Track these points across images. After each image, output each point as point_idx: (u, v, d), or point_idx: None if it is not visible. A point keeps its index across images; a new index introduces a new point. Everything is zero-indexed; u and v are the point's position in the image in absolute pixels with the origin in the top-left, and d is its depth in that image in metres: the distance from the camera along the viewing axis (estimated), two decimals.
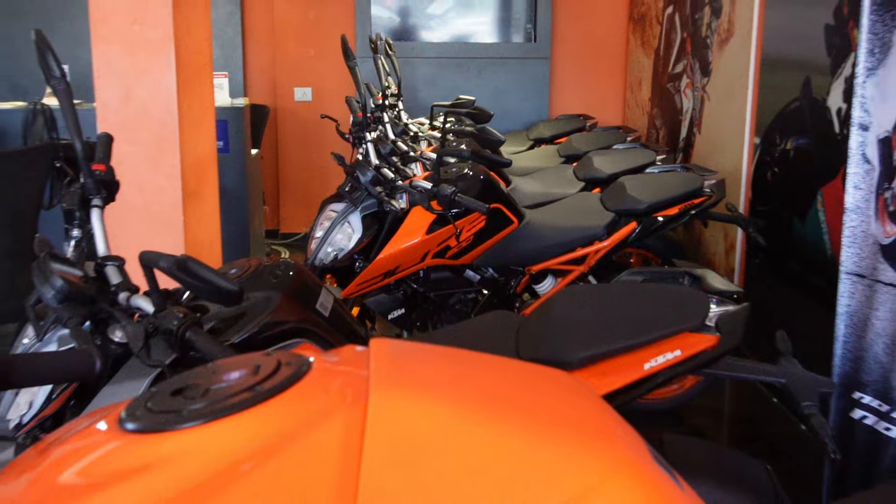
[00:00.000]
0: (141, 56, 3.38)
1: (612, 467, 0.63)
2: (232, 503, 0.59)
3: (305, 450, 0.62)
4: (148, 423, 0.69)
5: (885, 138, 2.34)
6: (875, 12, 2.34)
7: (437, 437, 0.63)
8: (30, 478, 0.71)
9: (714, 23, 4.70)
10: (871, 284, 2.42)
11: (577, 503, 0.60)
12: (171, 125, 3.47)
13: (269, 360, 0.73)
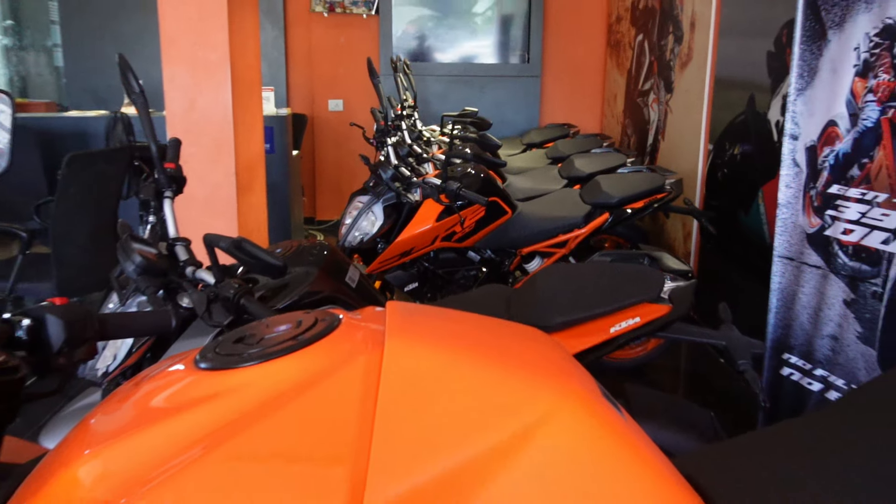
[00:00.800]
0: (202, 74, 3.41)
1: (566, 397, 0.68)
2: (280, 423, 0.64)
3: (336, 383, 0.67)
4: (217, 362, 0.73)
5: (811, 146, 2.36)
6: (804, 43, 2.35)
7: (434, 373, 0.68)
8: (127, 404, 0.75)
9: (676, 49, 4.67)
10: (798, 266, 2.44)
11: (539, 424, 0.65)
12: (227, 131, 3.51)
13: (309, 317, 0.77)
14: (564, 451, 0.65)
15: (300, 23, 6.28)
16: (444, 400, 0.65)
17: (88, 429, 0.71)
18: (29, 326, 0.91)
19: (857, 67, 2.18)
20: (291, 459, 0.61)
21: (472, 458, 0.62)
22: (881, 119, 2.11)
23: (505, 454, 0.63)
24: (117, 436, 0.65)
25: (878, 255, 2.14)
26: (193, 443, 0.63)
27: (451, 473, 0.61)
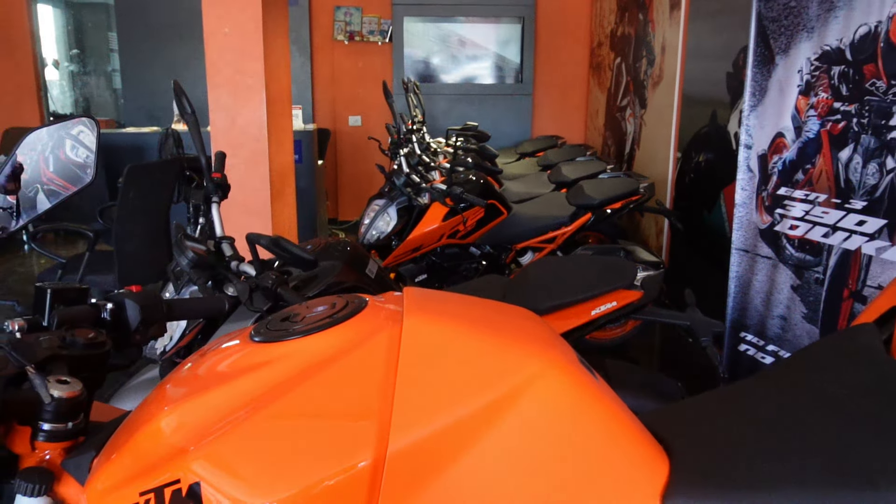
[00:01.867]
0: (241, 95, 3.46)
1: (550, 363, 0.73)
2: (319, 384, 0.69)
3: (364, 352, 0.72)
4: (268, 336, 0.78)
5: (763, 155, 2.40)
6: (755, 66, 2.39)
7: (444, 344, 0.73)
8: (196, 371, 0.80)
9: (649, 70, 4.69)
10: (752, 257, 2.48)
11: (528, 384, 0.71)
12: (263, 144, 3.56)
13: (340, 300, 0.82)
14: (549, 407, 0.71)
15: (324, 49, 6.32)
16: (452, 365, 0.70)
17: (166, 391, 0.77)
18: (111, 309, 0.97)
19: (801, 87, 2.22)
20: (328, 414, 0.66)
21: (475, 412, 0.67)
22: (821, 131, 2.15)
23: (501, 408, 0.68)
24: (190, 396, 0.71)
25: (819, 247, 2.18)
26: (250, 401, 0.68)
27: (458, 424, 0.67)
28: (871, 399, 0.80)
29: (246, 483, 0.63)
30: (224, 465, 0.64)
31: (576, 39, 6.40)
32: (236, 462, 0.64)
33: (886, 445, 0.74)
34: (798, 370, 0.90)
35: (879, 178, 1.96)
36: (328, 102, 6.47)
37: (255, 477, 0.63)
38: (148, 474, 0.66)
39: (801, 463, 0.75)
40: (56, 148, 1.43)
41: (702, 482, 0.76)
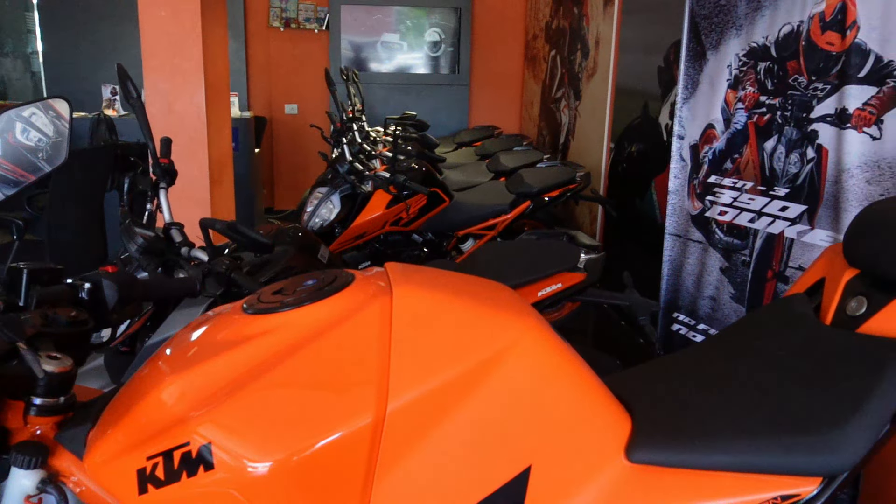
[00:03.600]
0: (179, 80, 3.40)
1: (529, 328, 0.80)
2: (320, 349, 0.73)
3: (359, 321, 0.76)
4: (262, 308, 0.80)
5: (694, 145, 2.53)
6: (688, 61, 2.52)
7: (432, 311, 0.78)
8: (191, 341, 0.83)
9: (583, 63, 4.81)
10: (684, 241, 2.63)
11: (511, 347, 0.77)
12: (201, 131, 3.50)
13: (329, 274, 0.86)
14: (529, 369, 0.77)
15: (259, 36, 6.21)
16: (442, 331, 0.75)
17: (163, 362, 0.79)
18: (89, 289, 0.98)
19: (730, 81, 2.36)
20: (330, 378, 0.70)
21: (464, 373, 0.73)
22: (748, 123, 2.30)
23: (487, 370, 0.74)
24: (191, 365, 0.73)
25: (746, 231, 2.33)
26: (253, 368, 0.71)
27: (448, 385, 0.72)
28: (804, 359, 0.90)
29: (256, 443, 0.67)
30: (233, 427, 0.67)
31: (511, 31, 6.51)
32: (245, 424, 0.68)
33: (817, 398, 0.84)
34: (740, 335, 0.99)
35: (800, 167, 2.12)
36: (264, 90, 6.38)
37: (264, 437, 0.67)
38: (154, 440, 0.69)
39: (746, 415, 0.84)
40: (4, 132, 1.40)
41: (660, 436, 0.84)
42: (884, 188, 1.89)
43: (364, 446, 0.68)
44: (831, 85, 1.99)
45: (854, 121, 1.93)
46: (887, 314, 0.88)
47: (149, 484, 0.68)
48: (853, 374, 0.83)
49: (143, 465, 0.69)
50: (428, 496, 0.71)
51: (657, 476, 0.81)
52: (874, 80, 1.88)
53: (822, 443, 0.80)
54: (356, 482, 0.69)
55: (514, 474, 0.74)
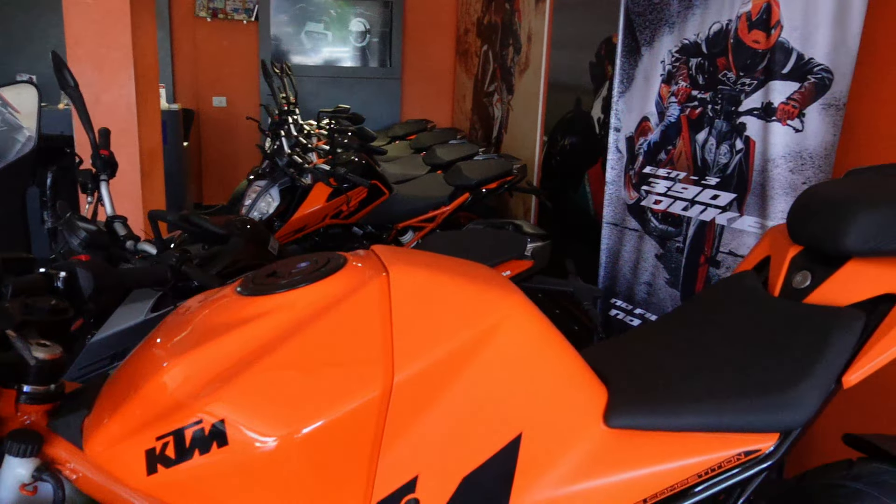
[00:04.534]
0: (108, 70, 3.28)
1: (518, 304, 0.84)
2: (325, 327, 0.75)
3: (359, 299, 0.79)
4: (260, 290, 0.81)
5: (630, 137, 2.65)
6: (623, 56, 2.63)
7: (428, 287, 0.81)
8: (186, 325, 0.83)
9: (516, 57, 4.90)
10: (621, 230, 2.74)
11: (503, 321, 0.81)
12: (132, 123, 3.40)
13: (321, 256, 0.88)
14: (518, 341, 0.82)
15: (185, 26, 6.04)
16: (438, 307, 0.79)
17: (159, 345, 0.79)
18: (65, 278, 0.96)
19: (663, 76, 2.48)
20: (337, 353, 0.73)
21: (461, 346, 0.77)
22: (681, 116, 2.42)
23: (482, 342, 0.78)
24: (194, 346, 0.74)
25: (680, 219, 2.45)
26: (259, 346, 0.73)
27: (447, 357, 0.76)
28: (758, 328, 0.98)
29: (269, 418, 0.69)
30: (245, 404, 0.69)
31: (442, 26, 6.56)
32: (257, 400, 0.69)
33: (772, 363, 0.92)
34: (698, 309, 1.07)
35: (730, 158, 2.25)
36: (190, 82, 6.20)
37: (277, 412, 0.69)
38: (163, 420, 0.69)
39: (710, 380, 0.92)
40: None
41: (634, 403, 0.90)
42: (805, 177, 2.04)
43: (372, 418, 0.71)
44: (758, 80, 2.13)
45: (779, 114, 2.07)
46: (830, 285, 0.98)
47: (158, 464, 0.69)
48: (803, 341, 0.92)
49: (152, 445, 0.69)
50: (431, 464, 0.75)
51: (633, 439, 0.88)
52: (796, 76, 2.02)
53: (779, 403, 0.88)
54: (364, 451, 0.72)
55: (507, 441, 0.79)
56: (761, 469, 0.89)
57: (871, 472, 1.12)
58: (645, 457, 0.87)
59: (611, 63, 3.51)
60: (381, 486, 0.73)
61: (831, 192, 1.04)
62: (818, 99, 1.97)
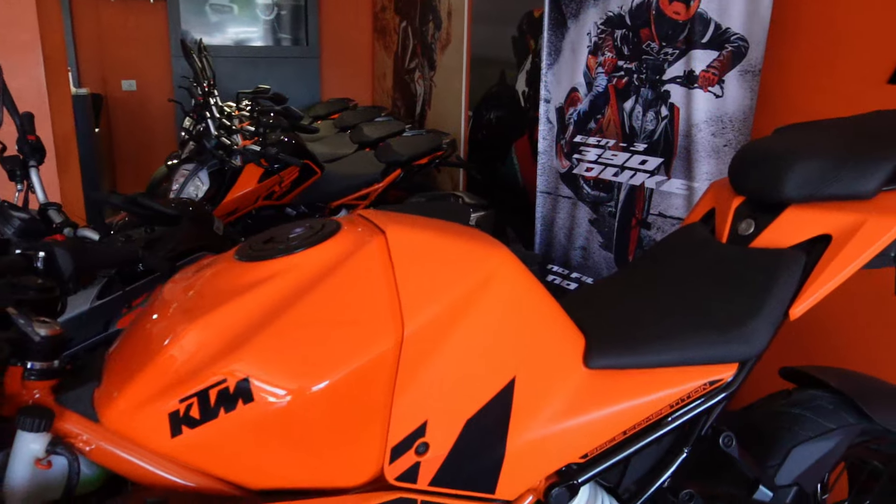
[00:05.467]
0: (15, 53, 3.12)
1: (507, 258, 0.90)
2: (330, 288, 0.78)
3: (361, 259, 0.82)
4: (261, 255, 0.83)
5: (560, 107, 2.75)
6: (550, 29, 2.71)
7: (425, 244, 0.85)
8: (187, 292, 0.84)
9: (436, 33, 4.92)
10: (555, 198, 2.85)
11: (496, 271, 0.86)
12: (44, 109, 3.24)
13: (316, 222, 0.90)
14: (509, 291, 0.87)
15: (87, 5, 5.73)
16: (437, 263, 0.83)
17: (166, 313, 0.80)
18: (44, 258, 0.95)
19: (590, 48, 2.58)
20: (350, 309, 0.76)
21: (460, 297, 0.82)
22: (608, 86, 2.53)
23: (478, 294, 0.84)
24: (206, 312, 0.76)
25: (611, 184, 2.58)
26: (271, 307, 0.75)
27: (449, 308, 0.81)
28: (712, 272, 1.08)
29: (291, 373, 0.72)
30: (268, 361, 0.72)
31: (358, 3, 6.49)
32: (278, 357, 0.72)
33: (728, 301, 1.02)
34: (656, 259, 1.16)
35: (656, 124, 2.38)
36: (96, 65, 5.90)
37: (298, 367, 0.72)
38: (185, 383, 0.71)
39: (674, 320, 1.01)
40: None
41: (609, 345, 0.98)
42: (726, 139, 2.19)
43: (386, 368, 0.76)
44: (679, 50, 2.26)
45: (700, 81, 2.21)
46: (772, 230, 1.08)
47: (183, 425, 0.71)
48: (753, 280, 1.02)
49: (176, 408, 0.71)
50: (438, 409, 0.80)
51: (611, 378, 0.96)
52: (715, 45, 2.15)
53: (736, 336, 0.98)
54: (380, 400, 0.76)
55: (502, 385, 0.85)
56: (724, 397, 0.99)
57: (808, 398, 1.25)
58: (622, 393, 0.95)
59: (533, 37, 3.60)
60: (395, 432, 0.78)
61: (768, 147, 1.15)
62: (736, 66, 2.11)
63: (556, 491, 0.93)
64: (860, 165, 1.05)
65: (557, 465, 0.94)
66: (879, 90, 1.79)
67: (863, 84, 1.84)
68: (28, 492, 0.75)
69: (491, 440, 0.85)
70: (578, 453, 0.94)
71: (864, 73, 1.84)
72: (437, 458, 0.81)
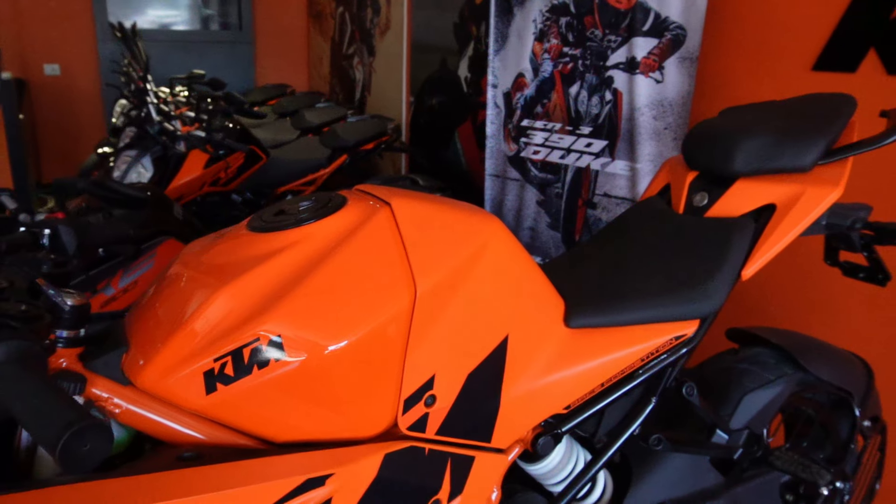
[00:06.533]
0: None
1: (500, 226, 0.98)
2: (351, 251, 0.84)
3: (372, 226, 0.87)
4: (272, 226, 0.89)
5: (507, 92, 2.84)
6: (497, 16, 2.80)
7: (427, 213, 0.92)
8: (203, 260, 0.88)
9: (375, 19, 4.94)
10: (503, 180, 2.95)
11: (489, 239, 0.94)
12: None
13: (321, 196, 0.95)
14: (503, 255, 0.96)
15: None
16: (439, 230, 0.91)
17: (188, 281, 0.84)
18: (49, 234, 0.98)
19: (536, 34, 2.68)
20: (368, 272, 0.83)
21: (462, 261, 0.90)
22: (554, 71, 2.64)
23: (476, 258, 0.91)
24: (232, 277, 0.81)
25: (558, 167, 2.70)
26: (296, 271, 0.81)
27: (454, 270, 0.88)
28: (673, 239, 1.19)
29: (319, 331, 0.78)
30: (297, 321, 0.78)
31: None
32: (307, 317, 0.78)
33: (689, 264, 1.14)
34: (619, 230, 1.28)
35: (600, 109, 2.51)
36: (14, 49, 5.65)
37: (325, 326, 0.78)
38: (219, 343, 0.77)
39: (642, 282, 1.12)
40: None
41: (586, 306, 1.08)
42: (666, 122, 2.34)
43: (401, 327, 0.83)
44: (622, 37, 2.38)
45: (641, 67, 2.34)
46: (724, 201, 1.21)
47: (217, 383, 0.77)
48: (709, 245, 1.14)
49: (211, 366, 0.77)
50: (444, 363, 0.88)
51: (589, 336, 1.06)
52: (655, 33, 2.29)
53: (697, 295, 1.09)
54: (395, 356, 0.84)
55: (497, 342, 0.94)
56: (687, 350, 1.11)
57: (753, 354, 1.40)
58: (599, 349, 1.05)
59: (475, 23, 3.69)
60: (408, 385, 0.85)
61: (717, 126, 1.27)
62: (675, 53, 2.25)
63: (542, 440, 1.03)
64: (799, 142, 1.19)
65: (543, 416, 1.03)
66: (805, 76, 1.96)
67: (791, 70, 2.01)
68: None
69: (488, 393, 0.94)
70: (562, 404, 1.04)
71: (791, 61, 2.00)
72: (443, 410, 0.89)
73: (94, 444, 0.55)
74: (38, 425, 0.55)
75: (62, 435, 0.53)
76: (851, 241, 1.32)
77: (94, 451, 0.55)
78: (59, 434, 0.53)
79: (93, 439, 0.55)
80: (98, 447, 0.55)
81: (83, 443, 0.54)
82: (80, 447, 0.54)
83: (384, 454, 0.83)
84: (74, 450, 0.54)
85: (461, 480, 0.93)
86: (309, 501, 0.77)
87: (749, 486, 1.31)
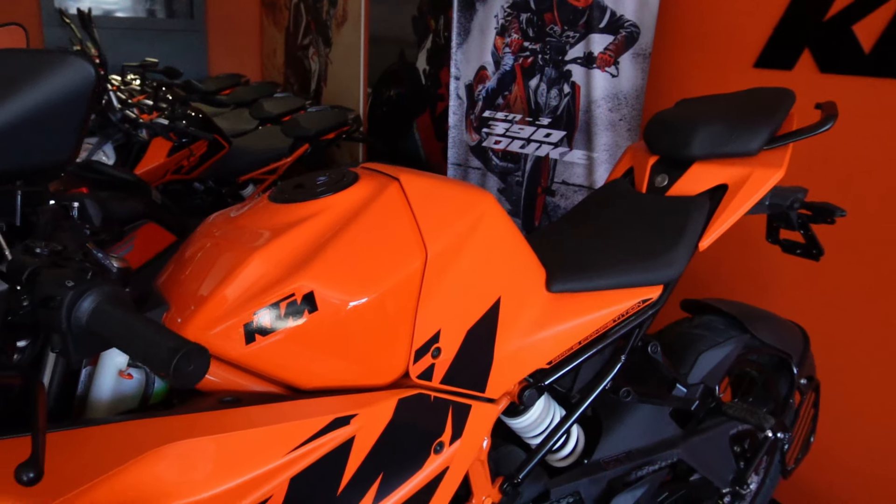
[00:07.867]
0: None
1: (491, 198, 1.10)
2: (368, 218, 0.94)
3: (385, 198, 0.97)
4: (294, 198, 0.98)
5: (469, 84, 2.96)
6: (460, 11, 2.92)
7: (430, 187, 1.02)
8: (232, 228, 0.97)
9: (332, 10, 4.98)
10: (465, 169, 3.07)
11: (486, 211, 1.06)
12: None
13: (336, 172, 1.05)
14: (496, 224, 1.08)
15: None
16: (443, 202, 1.02)
17: (220, 246, 0.93)
18: (78, 207, 1.05)
19: (497, 29, 2.81)
20: (386, 236, 0.93)
21: (464, 229, 1.01)
22: (515, 65, 2.78)
23: (475, 226, 1.03)
24: (266, 242, 0.90)
25: (518, 156, 2.84)
26: (321, 235, 0.91)
27: (458, 236, 1.00)
28: (638, 215, 1.34)
29: (347, 287, 0.88)
30: (328, 277, 0.88)
31: None
32: (336, 274, 0.88)
33: (654, 236, 1.29)
34: (589, 208, 1.42)
35: (559, 101, 2.65)
36: None
37: (352, 282, 0.89)
38: (258, 298, 0.86)
39: (613, 252, 1.26)
40: None
41: (565, 273, 1.21)
42: (621, 114, 2.50)
43: (414, 285, 0.95)
44: (580, 33, 2.53)
45: (598, 62, 2.50)
46: (682, 182, 1.36)
47: (256, 334, 0.86)
48: (671, 220, 1.29)
49: (251, 319, 0.86)
50: (448, 320, 1.00)
51: (568, 299, 1.19)
52: (611, 30, 2.45)
53: (661, 263, 1.24)
54: (408, 311, 0.95)
55: (492, 302, 1.06)
56: (653, 313, 1.25)
57: (706, 321, 1.56)
58: (577, 311, 1.19)
59: (433, 17, 3.80)
60: (418, 338, 0.97)
61: (676, 114, 1.43)
62: (629, 49, 2.41)
63: (528, 392, 1.16)
64: (747, 130, 1.35)
65: (529, 370, 1.16)
66: (748, 73, 2.15)
67: (734, 67, 2.19)
68: (111, 400, 0.88)
69: (483, 348, 1.06)
70: (545, 360, 1.17)
71: (735, 58, 2.18)
72: (446, 361, 1.01)
73: (197, 363, 0.65)
74: (150, 354, 0.64)
75: (172, 359, 0.63)
76: (790, 220, 1.50)
77: (197, 369, 0.65)
78: (170, 358, 0.63)
79: (195, 360, 0.65)
80: (200, 365, 0.65)
81: (188, 364, 0.64)
82: (187, 367, 0.64)
83: (398, 399, 0.94)
84: (183, 369, 0.63)
85: (460, 426, 1.05)
86: (336, 437, 0.88)
87: (703, 436, 1.47)
